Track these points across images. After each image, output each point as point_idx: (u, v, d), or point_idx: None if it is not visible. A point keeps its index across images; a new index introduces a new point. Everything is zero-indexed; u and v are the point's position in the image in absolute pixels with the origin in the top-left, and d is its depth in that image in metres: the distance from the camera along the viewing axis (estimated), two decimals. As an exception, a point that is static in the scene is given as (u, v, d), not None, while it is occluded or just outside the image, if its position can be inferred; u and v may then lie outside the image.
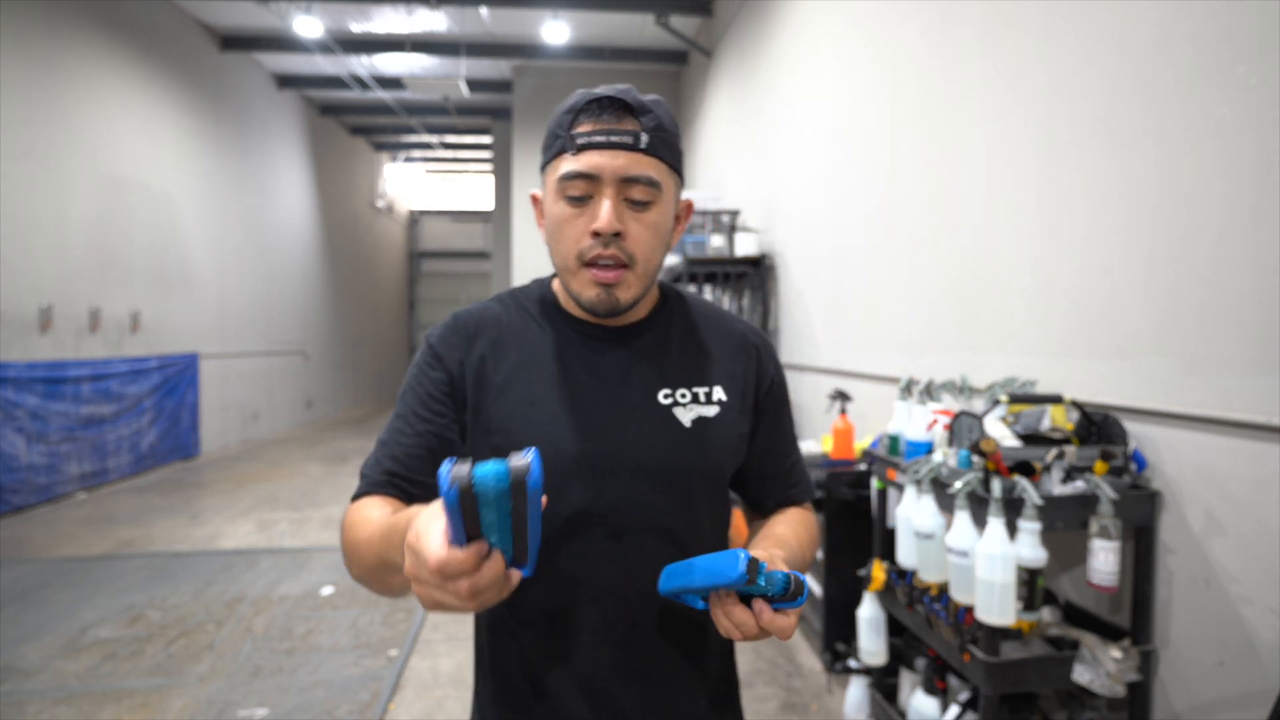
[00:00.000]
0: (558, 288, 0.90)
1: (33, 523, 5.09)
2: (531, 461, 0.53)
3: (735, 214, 5.00)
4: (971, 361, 2.44)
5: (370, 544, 0.74)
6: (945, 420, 1.95)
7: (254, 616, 3.39)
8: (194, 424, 7.65)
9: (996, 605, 1.57)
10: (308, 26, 7.14)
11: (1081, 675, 1.62)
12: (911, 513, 1.86)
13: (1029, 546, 1.58)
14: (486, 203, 14.52)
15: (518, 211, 8.80)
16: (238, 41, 8.17)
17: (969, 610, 1.72)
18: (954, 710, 1.92)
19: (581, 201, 0.79)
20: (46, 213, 5.70)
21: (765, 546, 0.82)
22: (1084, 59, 1.91)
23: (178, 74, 7.46)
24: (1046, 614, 1.86)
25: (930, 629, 1.91)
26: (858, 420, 3.17)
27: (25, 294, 5.49)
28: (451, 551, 0.54)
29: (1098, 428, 1.78)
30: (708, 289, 5.37)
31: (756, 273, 4.89)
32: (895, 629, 2.30)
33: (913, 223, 2.93)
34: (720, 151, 6.61)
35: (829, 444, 3.05)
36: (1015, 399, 1.86)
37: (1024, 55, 2.17)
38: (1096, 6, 1.86)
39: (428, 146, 13.17)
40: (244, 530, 4.92)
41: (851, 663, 2.55)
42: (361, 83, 9.29)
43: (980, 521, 1.64)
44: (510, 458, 0.54)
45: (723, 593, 0.67)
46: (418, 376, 0.86)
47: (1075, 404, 1.81)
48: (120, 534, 4.80)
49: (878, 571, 2.18)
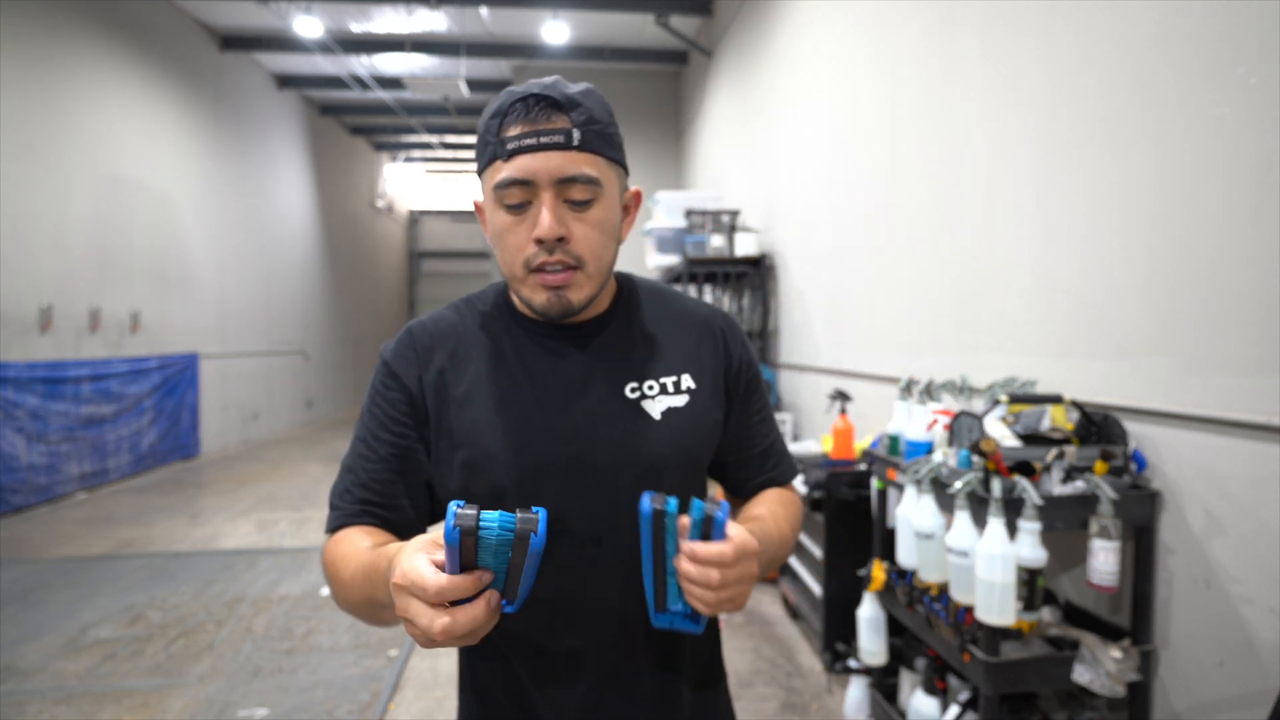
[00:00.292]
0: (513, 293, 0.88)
1: (33, 523, 5.09)
2: (539, 520, 0.58)
3: (735, 214, 5.00)
4: (971, 361, 2.44)
5: (355, 583, 0.74)
6: (945, 420, 1.95)
7: (254, 616, 3.39)
8: (194, 424, 7.65)
9: (996, 605, 1.57)
10: (308, 26, 7.14)
11: (1081, 675, 1.62)
12: (911, 513, 1.86)
13: (1029, 546, 1.57)
14: (486, 203, 14.50)
15: (518, 211, 8.80)
16: (238, 41, 8.18)
17: (969, 610, 1.72)
18: (954, 710, 1.92)
19: (521, 209, 0.76)
20: (46, 213, 5.71)
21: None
22: (1084, 59, 1.91)
23: (178, 74, 7.46)
24: (1046, 614, 1.86)
25: (930, 629, 1.91)
26: (858, 420, 3.17)
27: (25, 294, 5.49)
28: (451, 578, 0.59)
29: (1098, 428, 1.78)
30: (708, 289, 5.37)
31: (756, 273, 4.89)
32: (895, 629, 2.29)
33: (913, 223, 2.93)
34: (720, 151, 6.61)
35: (829, 444, 3.06)
36: (1015, 399, 1.86)
37: (1024, 55, 2.17)
38: (1096, 6, 1.86)
39: (428, 146, 13.16)
40: (244, 530, 4.92)
41: (851, 663, 2.55)
42: (361, 83, 9.29)
43: (980, 521, 1.64)
44: (517, 512, 0.59)
45: (680, 559, 0.66)
46: (374, 398, 0.84)
47: (1075, 404, 1.81)
48: (120, 534, 4.80)
49: (878, 571, 2.18)
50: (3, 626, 3.24)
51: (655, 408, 0.84)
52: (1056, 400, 1.85)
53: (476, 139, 0.80)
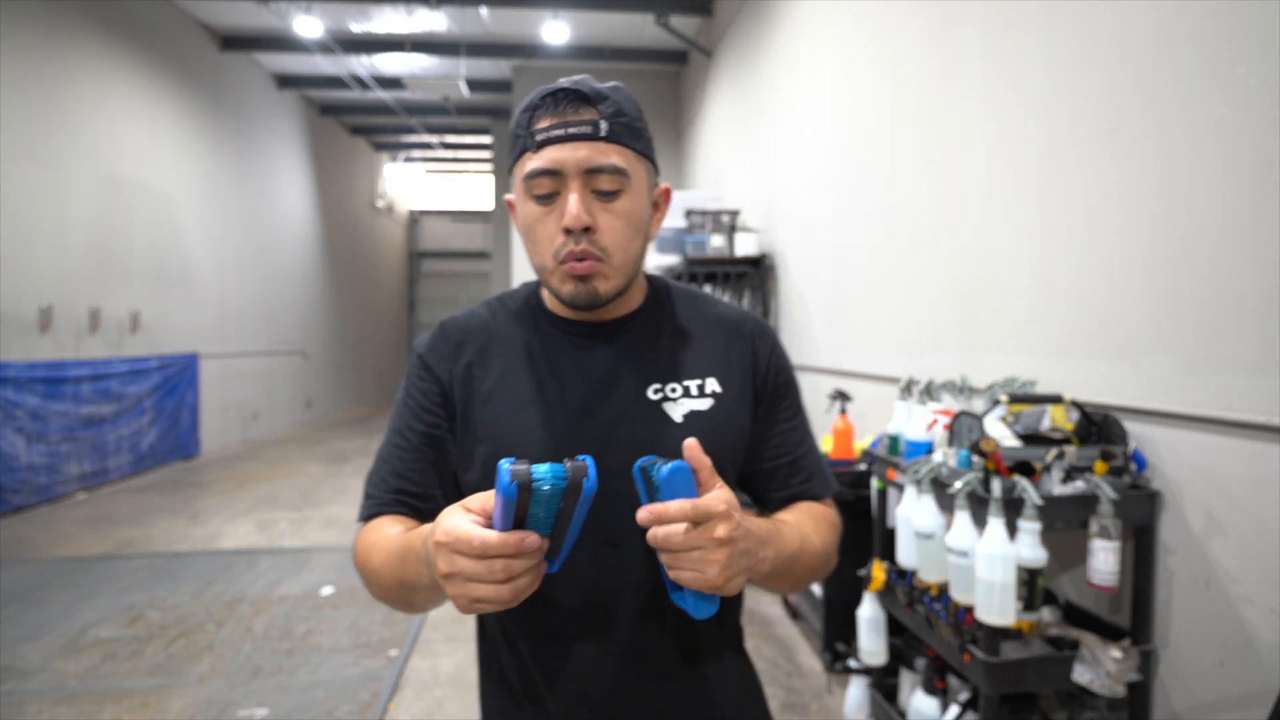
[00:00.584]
0: (544, 290, 0.89)
1: (33, 523, 5.09)
2: (588, 466, 0.58)
3: (735, 214, 5.00)
4: (971, 361, 2.44)
5: (388, 567, 0.75)
6: (945, 420, 1.95)
7: (254, 616, 3.39)
8: (194, 424, 7.65)
9: (996, 605, 1.57)
10: (308, 26, 7.14)
11: (1081, 675, 1.62)
12: (911, 513, 1.86)
13: (1029, 546, 1.57)
14: (486, 203, 14.52)
15: (518, 211, 8.81)
16: (238, 41, 8.18)
17: (969, 610, 1.72)
18: (954, 710, 1.92)
19: (549, 199, 0.77)
20: (46, 213, 5.71)
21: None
22: (1084, 59, 1.91)
23: (178, 74, 7.46)
24: (1046, 614, 1.86)
25: (930, 629, 1.91)
26: (858, 420, 3.17)
27: (25, 294, 5.49)
28: (500, 535, 0.59)
29: (1098, 428, 1.78)
30: (708, 289, 5.37)
31: (756, 273, 4.89)
32: (895, 629, 2.29)
33: (913, 223, 2.93)
34: (720, 151, 6.61)
35: (829, 444, 3.06)
36: (1015, 399, 1.86)
37: (1024, 55, 2.17)
38: (1096, 6, 1.86)
39: (428, 146, 13.17)
40: (244, 530, 4.92)
41: (851, 663, 2.55)
42: (361, 83, 9.29)
43: (980, 521, 1.64)
44: (566, 462, 0.58)
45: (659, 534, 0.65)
46: (409, 389, 0.86)
47: (1075, 404, 1.81)
48: (120, 534, 4.80)
49: (878, 571, 2.18)
50: (3, 626, 3.24)
51: (677, 410, 0.83)
52: (1056, 400, 1.85)
53: (510, 136, 0.82)
